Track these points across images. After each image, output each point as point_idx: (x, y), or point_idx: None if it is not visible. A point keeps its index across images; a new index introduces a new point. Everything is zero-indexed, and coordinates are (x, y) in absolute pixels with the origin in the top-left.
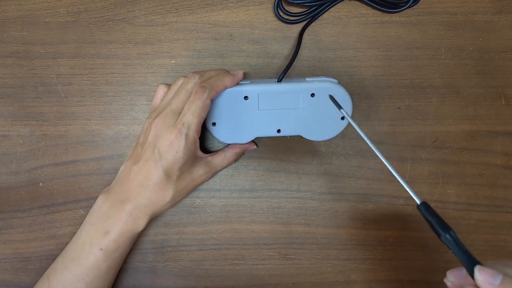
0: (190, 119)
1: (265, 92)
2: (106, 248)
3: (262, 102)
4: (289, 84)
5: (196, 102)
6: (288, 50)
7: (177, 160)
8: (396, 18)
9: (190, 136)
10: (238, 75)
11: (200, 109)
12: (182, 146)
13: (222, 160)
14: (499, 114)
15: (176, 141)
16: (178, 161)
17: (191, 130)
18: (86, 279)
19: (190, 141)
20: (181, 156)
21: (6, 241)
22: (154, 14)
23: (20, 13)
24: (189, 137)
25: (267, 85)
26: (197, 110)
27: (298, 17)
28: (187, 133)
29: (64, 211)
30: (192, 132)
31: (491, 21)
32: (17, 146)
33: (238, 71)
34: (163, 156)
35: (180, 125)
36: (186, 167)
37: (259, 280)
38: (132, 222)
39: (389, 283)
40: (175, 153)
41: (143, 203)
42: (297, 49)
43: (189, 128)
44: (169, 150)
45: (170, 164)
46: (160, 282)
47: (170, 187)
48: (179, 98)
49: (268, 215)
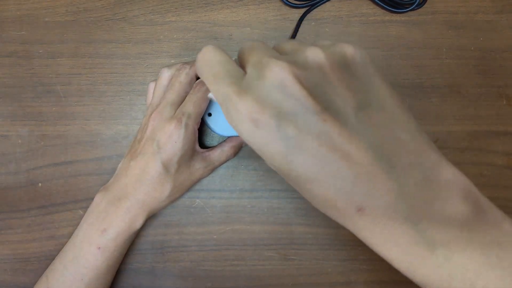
0: (191, 109)
1: None
2: (104, 247)
3: None
4: None
5: (197, 93)
6: None
7: (175, 151)
8: (397, 18)
9: (190, 125)
10: None
11: (201, 99)
12: (182, 136)
13: (219, 154)
14: (500, 114)
15: (176, 131)
16: (176, 152)
17: (191, 119)
18: (85, 279)
19: (190, 131)
20: (180, 146)
21: (4, 242)
22: (154, 13)
23: (19, 13)
24: (189, 126)
25: None
26: (198, 101)
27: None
28: (187, 123)
29: (63, 211)
30: (192, 122)
31: (492, 21)
32: (16, 146)
33: None
34: (161, 147)
35: (180, 114)
36: (184, 160)
37: (259, 281)
38: (130, 219)
39: (390, 284)
40: (174, 143)
41: (140, 198)
42: (295, 34)
43: (189, 118)
44: (168, 141)
45: (168, 156)
46: (160, 282)
47: (168, 181)
48: (174, 90)
49: (268, 215)
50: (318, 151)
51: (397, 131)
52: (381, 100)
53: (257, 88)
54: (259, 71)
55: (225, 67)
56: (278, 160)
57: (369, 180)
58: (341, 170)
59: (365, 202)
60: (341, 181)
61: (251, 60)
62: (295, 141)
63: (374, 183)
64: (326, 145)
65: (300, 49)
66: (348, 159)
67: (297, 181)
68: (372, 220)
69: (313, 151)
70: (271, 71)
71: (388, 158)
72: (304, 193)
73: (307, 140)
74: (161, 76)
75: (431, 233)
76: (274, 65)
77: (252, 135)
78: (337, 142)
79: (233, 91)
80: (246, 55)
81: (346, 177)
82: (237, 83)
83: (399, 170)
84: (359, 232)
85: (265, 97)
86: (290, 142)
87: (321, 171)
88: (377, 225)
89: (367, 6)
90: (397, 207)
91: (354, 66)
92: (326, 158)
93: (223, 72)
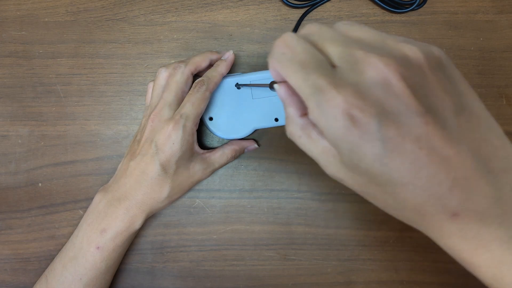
0: (189, 110)
1: (256, 79)
2: (103, 247)
3: (255, 91)
4: None
5: (196, 94)
6: None
7: (174, 153)
8: (396, 18)
9: (188, 127)
10: (230, 57)
11: (199, 100)
12: (180, 137)
13: (220, 156)
14: (500, 114)
15: (174, 132)
16: (175, 153)
17: (189, 121)
18: (84, 279)
19: (188, 132)
20: (178, 148)
21: (5, 242)
22: (154, 13)
23: (19, 13)
24: (187, 128)
25: (259, 72)
26: (197, 102)
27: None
28: (184, 124)
29: (63, 211)
30: (190, 123)
31: (492, 21)
32: (16, 146)
33: (227, 53)
34: (160, 149)
35: (178, 116)
36: (183, 161)
37: (259, 281)
38: (129, 220)
39: (390, 284)
40: (172, 144)
41: (140, 199)
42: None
43: (187, 119)
44: (166, 142)
45: (167, 157)
46: (159, 282)
47: (167, 182)
48: (171, 90)
49: (268, 215)
50: (417, 154)
51: (489, 136)
52: (470, 104)
53: (357, 83)
54: (355, 65)
55: (313, 56)
56: (369, 161)
57: (467, 185)
58: (438, 174)
59: (461, 207)
60: (437, 186)
61: (337, 51)
62: (395, 142)
63: (472, 188)
64: (426, 149)
65: (391, 44)
66: (447, 164)
67: (385, 184)
68: (466, 225)
69: (412, 154)
70: (374, 67)
71: (484, 163)
72: (386, 197)
73: (407, 143)
74: (158, 76)
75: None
76: (377, 60)
77: (345, 133)
78: (437, 146)
79: (328, 82)
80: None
81: (443, 182)
82: (330, 75)
83: (495, 175)
84: (447, 237)
85: (366, 93)
86: (389, 143)
87: (416, 175)
88: (470, 230)
89: (367, 6)
90: (492, 212)
91: (444, 68)
92: (424, 161)
93: (312, 61)
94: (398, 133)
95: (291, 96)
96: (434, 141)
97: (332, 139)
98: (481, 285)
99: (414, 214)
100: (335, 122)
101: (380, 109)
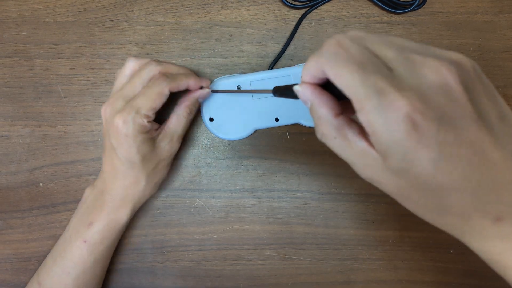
0: (141, 103)
1: (256, 80)
2: (90, 241)
3: None
4: (280, 69)
5: (153, 87)
6: (288, 50)
7: (130, 145)
8: (396, 18)
9: (137, 120)
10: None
11: (155, 94)
12: (130, 131)
13: (177, 121)
14: None
15: (124, 126)
16: (131, 145)
17: (139, 114)
18: (72, 272)
19: (138, 125)
20: (132, 141)
21: (6, 241)
22: (154, 14)
23: (20, 13)
24: (136, 120)
25: (258, 72)
26: (152, 95)
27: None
28: (134, 117)
29: (64, 211)
30: (140, 116)
31: (491, 21)
32: (17, 146)
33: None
34: (115, 144)
35: (129, 108)
36: (145, 147)
37: (259, 280)
38: (114, 212)
39: (389, 283)
40: (126, 137)
41: (120, 192)
42: (293, 34)
43: (137, 112)
44: (119, 136)
45: (126, 150)
46: (160, 282)
47: (139, 171)
48: (131, 84)
49: (268, 215)
50: (471, 159)
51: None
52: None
53: (418, 87)
54: (414, 69)
55: (370, 58)
56: (423, 166)
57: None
58: (486, 179)
59: (506, 211)
60: (485, 190)
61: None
62: (451, 147)
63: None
64: (479, 154)
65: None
66: (495, 168)
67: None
68: (508, 228)
69: (466, 159)
70: (435, 71)
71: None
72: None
73: (463, 147)
74: (125, 65)
75: None
76: (439, 64)
77: (404, 137)
78: (487, 151)
79: (390, 85)
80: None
81: (491, 186)
82: (390, 78)
83: None
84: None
85: (427, 97)
86: (446, 148)
87: (466, 180)
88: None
89: (366, 6)
90: None
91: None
92: (475, 166)
93: (371, 63)
94: (455, 138)
95: (321, 96)
96: (485, 146)
97: (386, 142)
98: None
99: (457, 219)
100: (395, 125)
101: (440, 113)
